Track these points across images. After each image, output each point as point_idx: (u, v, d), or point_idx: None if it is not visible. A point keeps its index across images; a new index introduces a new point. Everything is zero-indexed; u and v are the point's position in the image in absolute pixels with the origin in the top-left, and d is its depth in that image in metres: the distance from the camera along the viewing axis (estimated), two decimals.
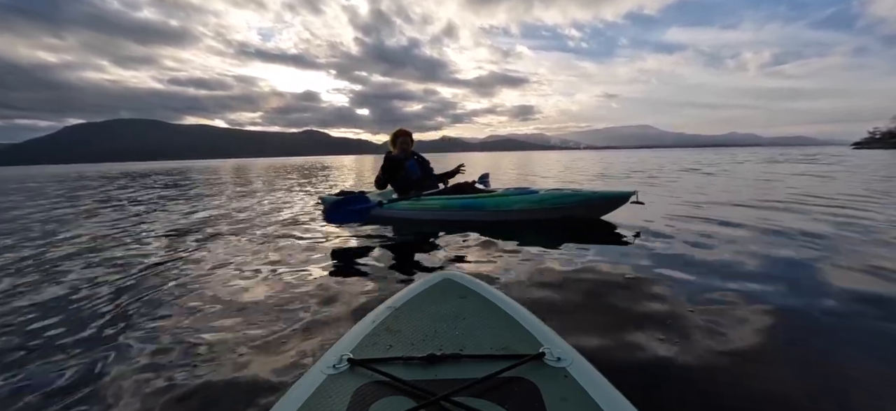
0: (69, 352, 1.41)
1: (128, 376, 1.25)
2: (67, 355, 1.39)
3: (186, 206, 5.58)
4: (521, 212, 3.37)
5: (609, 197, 3.33)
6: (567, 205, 3.32)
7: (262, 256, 2.63)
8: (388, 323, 0.88)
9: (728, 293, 1.75)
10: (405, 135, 4.06)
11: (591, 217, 3.46)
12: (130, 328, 1.59)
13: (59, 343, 1.48)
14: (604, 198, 3.33)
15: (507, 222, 3.41)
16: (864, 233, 2.86)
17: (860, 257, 2.25)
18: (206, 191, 7.99)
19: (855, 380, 1.14)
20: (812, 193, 5.09)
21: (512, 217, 3.42)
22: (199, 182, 11.50)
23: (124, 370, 1.28)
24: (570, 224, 3.29)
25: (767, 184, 6.41)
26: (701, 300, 1.68)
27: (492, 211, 3.44)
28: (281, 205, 5.40)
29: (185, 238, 3.32)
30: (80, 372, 1.28)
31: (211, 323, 1.60)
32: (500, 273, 2.15)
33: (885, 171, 8.92)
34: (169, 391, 1.15)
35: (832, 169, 10.03)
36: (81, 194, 8.33)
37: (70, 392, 1.17)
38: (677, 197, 5.10)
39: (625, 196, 3.29)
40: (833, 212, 3.73)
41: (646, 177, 8.67)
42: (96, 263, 2.59)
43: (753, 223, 3.27)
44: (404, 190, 3.90)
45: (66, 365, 1.33)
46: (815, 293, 1.75)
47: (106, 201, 6.69)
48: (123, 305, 1.83)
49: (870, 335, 1.39)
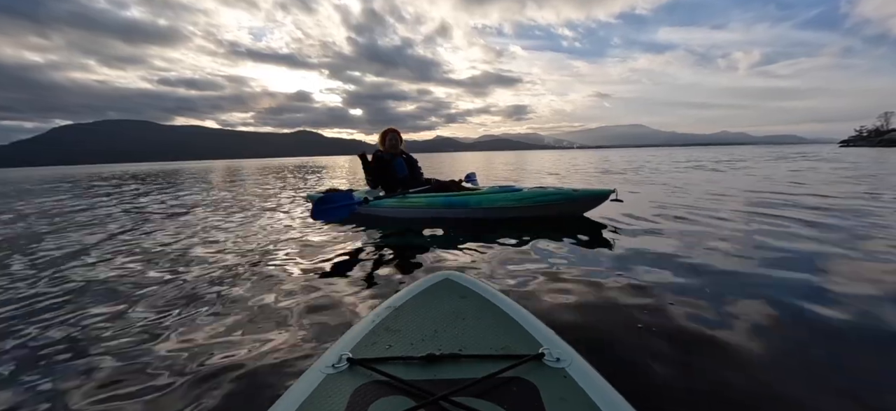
0: (70, 354, 1.39)
1: (125, 376, 1.24)
2: (68, 356, 1.37)
3: (179, 207, 5.52)
4: (504, 209, 3.44)
5: (589, 195, 3.43)
6: (549, 202, 3.40)
7: (260, 256, 2.61)
8: (387, 322, 0.88)
9: (725, 291, 1.77)
10: (394, 133, 4.12)
11: (572, 214, 3.55)
12: (129, 328, 1.57)
13: (59, 344, 1.46)
14: (585, 197, 3.43)
15: (491, 220, 3.47)
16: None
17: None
18: (199, 192, 7.90)
19: (860, 378, 1.14)
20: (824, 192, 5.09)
21: (495, 214, 3.48)
22: (190, 182, 11.37)
23: (123, 369, 1.27)
24: (552, 221, 3.36)
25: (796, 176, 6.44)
26: (697, 298, 1.70)
27: (475, 208, 3.50)
28: (277, 205, 5.37)
29: (180, 239, 3.28)
30: (80, 372, 1.27)
31: (209, 324, 1.59)
32: (484, 269, 2.16)
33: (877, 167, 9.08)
34: (169, 391, 1.15)
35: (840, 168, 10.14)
36: (74, 195, 8.19)
37: (70, 393, 1.16)
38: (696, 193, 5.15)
39: (605, 194, 3.41)
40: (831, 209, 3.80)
41: (651, 175, 8.73)
42: (94, 264, 2.56)
43: (756, 218, 3.32)
44: (391, 188, 3.94)
45: (66, 366, 1.31)
46: (815, 291, 1.75)
47: (95, 203, 6.58)
48: (122, 306, 1.82)
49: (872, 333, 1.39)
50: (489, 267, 2.24)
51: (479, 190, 3.84)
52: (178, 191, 8.35)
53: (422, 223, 3.49)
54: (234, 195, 7.05)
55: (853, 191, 5.01)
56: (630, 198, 4.77)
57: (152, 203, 6.28)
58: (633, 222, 3.35)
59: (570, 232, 3.00)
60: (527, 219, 3.42)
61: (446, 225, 3.40)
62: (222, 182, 11.18)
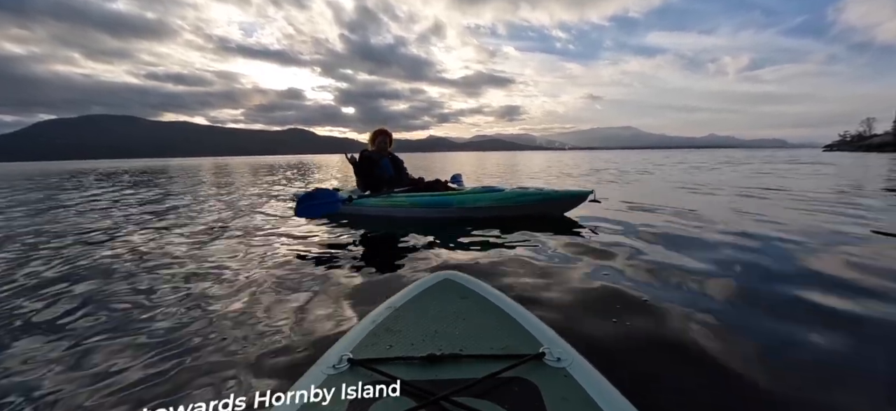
0: (69, 355, 1.37)
1: (125, 374, 1.22)
2: (67, 357, 1.35)
3: (169, 206, 5.42)
4: (486, 209, 3.50)
5: (569, 195, 3.53)
6: (530, 202, 3.49)
7: (258, 257, 2.58)
8: (388, 323, 0.88)
9: (724, 290, 1.79)
10: (384, 134, 4.17)
11: (553, 214, 3.61)
12: (128, 328, 1.55)
13: (58, 347, 1.43)
14: (565, 197, 3.53)
15: (473, 219, 3.51)
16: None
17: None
18: (190, 191, 7.77)
19: (856, 377, 1.16)
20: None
21: (478, 214, 3.53)
22: (179, 180, 11.19)
23: (122, 369, 1.26)
24: (534, 220, 3.41)
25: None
26: (697, 298, 1.72)
27: (459, 208, 3.54)
28: (274, 206, 5.30)
29: (176, 240, 3.22)
30: (78, 373, 1.25)
31: (208, 324, 1.57)
32: (483, 269, 2.18)
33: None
34: (169, 392, 1.13)
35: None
36: (59, 192, 8.00)
37: (69, 394, 1.14)
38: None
39: (584, 194, 3.51)
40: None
41: (641, 177, 8.83)
42: (90, 267, 2.49)
43: (752, 217, 3.39)
44: (377, 187, 3.97)
45: (64, 368, 1.29)
46: (814, 292, 1.77)
47: (86, 200, 6.43)
48: (121, 306, 1.79)
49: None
50: (487, 266, 2.25)
51: (462, 190, 3.90)
52: (166, 191, 8.21)
53: (411, 223, 3.51)
54: (227, 194, 6.96)
55: (835, 186, 5.16)
56: (629, 198, 4.85)
57: (131, 203, 6.15)
58: (633, 221, 3.40)
59: (567, 231, 3.04)
60: (510, 219, 3.48)
61: (440, 224, 3.43)
62: (213, 179, 11.02)
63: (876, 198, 4.90)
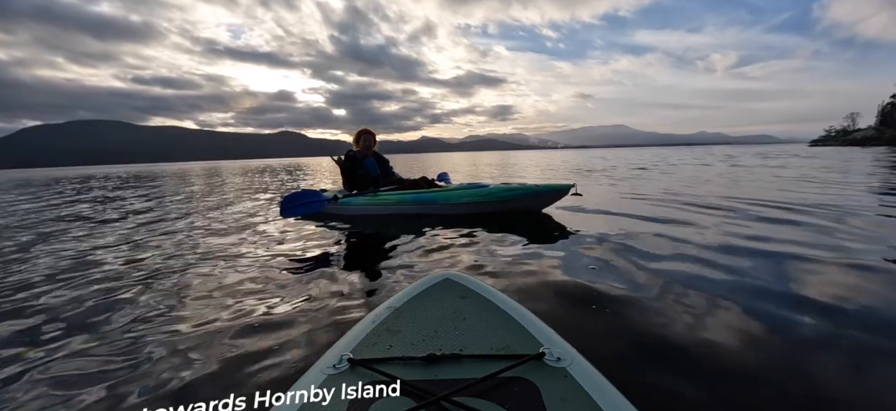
0: (70, 355, 1.36)
1: (125, 375, 1.22)
2: (68, 358, 1.34)
3: (163, 211, 5.34)
4: (470, 205, 3.54)
5: (551, 190, 3.57)
6: (513, 197, 3.53)
7: (257, 257, 2.57)
8: (388, 323, 0.87)
9: (721, 289, 1.77)
10: (368, 134, 4.24)
11: (534, 208, 3.66)
12: (127, 331, 1.54)
13: (58, 347, 1.41)
14: (546, 191, 3.57)
15: (458, 215, 3.55)
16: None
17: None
18: (183, 196, 7.68)
19: (859, 378, 1.15)
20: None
21: (462, 210, 3.57)
22: (171, 185, 11.05)
23: (122, 370, 1.25)
24: (522, 216, 3.46)
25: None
26: (696, 297, 1.70)
27: (443, 204, 3.59)
28: (268, 209, 5.25)
29: (172, 241, 3.19)
30: (78, 374, 1.25)
31: (208, 325, 1.56)
32: (482, 269, 2.18)
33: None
34: (168, 392, 1.13)
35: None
36: (57, 195, 7.85)
37: (70, 396, 1.13)
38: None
39: (565, 189, 3.54)
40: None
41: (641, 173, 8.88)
42: (90, 268, 2.46)
43: (747, 215, 3.39)
44: (363, 186, 4.00)
45: (64, 369, 1.28)
46: (815, 291, 1.73)
47: (80, 206, 6.32)
48: (120, 307, 1.78)
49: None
50: (487, 266, 2.24)
51: (447, 187, 3.93)
52: (158, 195, 8.10)
53: (400, 221, 3.52)
54: (219, 198, 6.88)
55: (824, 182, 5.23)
56: (626, 197, 4.89)
57: (121, 209, 6.06)
58: (631, 222, 3.38)
59: (565, 231, 3.05)
60: (495, 214, 3.52)
61: (410, 221, 3.47)
62: (204, 186, 10.90)
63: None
